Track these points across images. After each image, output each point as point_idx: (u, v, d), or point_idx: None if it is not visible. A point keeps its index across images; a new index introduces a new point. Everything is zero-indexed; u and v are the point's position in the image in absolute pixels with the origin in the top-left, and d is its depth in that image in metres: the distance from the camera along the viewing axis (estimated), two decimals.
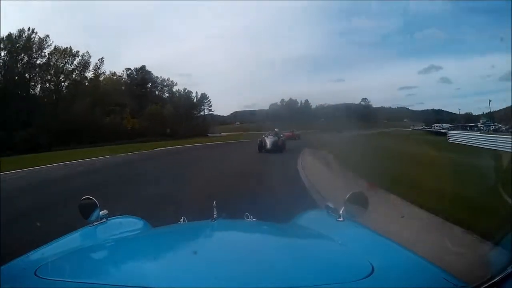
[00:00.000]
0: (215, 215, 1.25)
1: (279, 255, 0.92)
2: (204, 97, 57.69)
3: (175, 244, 1.10)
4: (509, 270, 0.65)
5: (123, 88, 38.52)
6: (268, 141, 16.19)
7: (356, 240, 1.05)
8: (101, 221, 1.24)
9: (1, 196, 5.54)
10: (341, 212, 1.21)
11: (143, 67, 43.72)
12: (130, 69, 40.63)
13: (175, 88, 46.37)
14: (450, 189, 4.81)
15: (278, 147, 15.91)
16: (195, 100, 49.78)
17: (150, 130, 32.15)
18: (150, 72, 43.76)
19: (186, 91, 50.53)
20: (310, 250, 1.00)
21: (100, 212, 1.25)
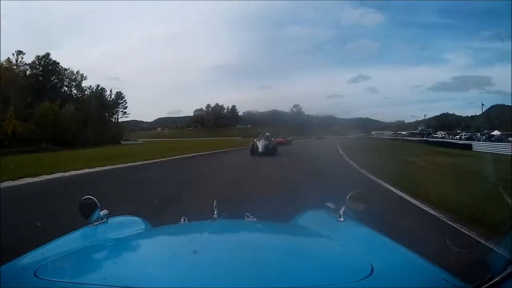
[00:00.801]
0: (215, 215, 1.26)
1: (279, 255, 0.92)
2: (119, 96, 50.40)
3: (175, 244, 1.11)
4: (509, 270, 0.65)
5: (21, 81, 29.59)
6: (260, 145, 16.89)
7: (356, 240, 1.05)
8: (101, 221, 1.24)
9: None
10: (341, 212, 1.21)
11: (47, 55, 35.16)
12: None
13: (85, 84, 37.94)
14: None
15: (269, 151, 16.64)
16: (109, 99, 42.43)
17: (39, 136, 24.79)
18: (57, 62, 35.65)
19: (99, 88, 42.74)
20: (310, 250, 1.00)
21: (101, 212, 1.26)
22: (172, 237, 1.22)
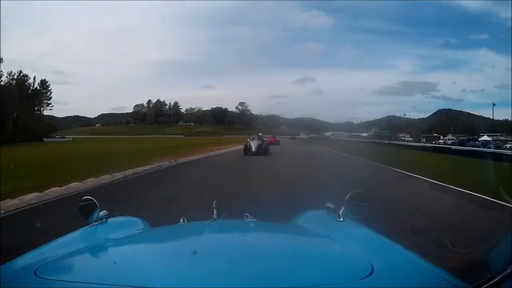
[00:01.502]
0: (215, 215, 1.27)
1: (279, 255, 0.92)
2: (44, 85, 43.32)
3: (175, 244, 1.12)
4: (509, 270, 0.65)
5: None
6: (253, 145, 18.09)
7: (356, 240, 1.05)
8: (101, 221, 1.25)
9: None
10: (341, 212, 1.21)
11: None
12: None
13: (4, 69, 32.30)
14: None
15: (262, 150, 17.91)
16: (31, 88, 35.87)
17: None
18: None
19: (22, 75, 36.38)
20: (310, 250, 1.00)
21: (100, 212, 1.27)
22: (171, 237, 1.22)
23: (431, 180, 8.69)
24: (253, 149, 17.69)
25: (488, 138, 36.52)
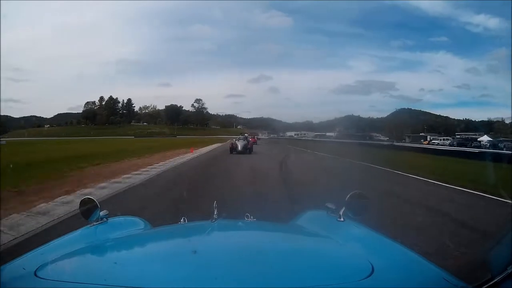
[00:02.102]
0: (215, 215, 1.26)
1: (279, 255, 0.91)
2: None
3: (175, 244, 1.11)
4: (509, 270, 0.66)
5: None
6: (239, 144, 18.73)
7: (356, 240, 1.05)
8: (101, 221, 1.25)
9: None
10: (341, 212, 1.21)
11: None
12: None
13: None
14: None
15: (247, 149, 18.60)
16: None
17: None
18: None
19: None
20: (310, 250, 1.00)
21: (100, 212, 1.26)
22: (172, 237, 1.22)
23: None
24: (239, 148, 18.54)
25: (490, 138, 34.12)
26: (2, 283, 0.74)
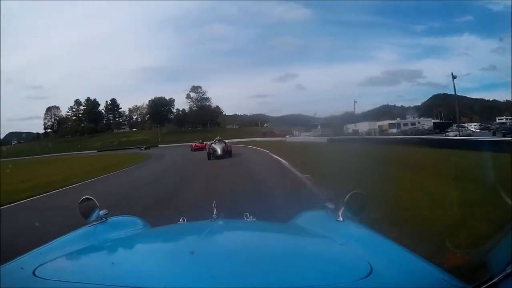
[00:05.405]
0: (214, 215, 1.26)
1: (278, 255, 0.91)
2: None
3: (175, 244, 1.11)
4: (508, 270, 0.66)
5: None
6: (218, 148, 17.02)
7: (356, 240, 1.05)
8: (101, 220, 1.24)
9: None
10: (340, 212, 1.20)
11: None
12: None
13: None
14: None
15: (226, 153, 16.93)
16: None
17: None
18: None
19: None
20: (310, 250, 1.00)
21: (100, 212, 1.26)
22: (171, 237, 1.21)
23: None
24: (218, 152, 16.50)
25: None
26: (2, 283, 0.74)
